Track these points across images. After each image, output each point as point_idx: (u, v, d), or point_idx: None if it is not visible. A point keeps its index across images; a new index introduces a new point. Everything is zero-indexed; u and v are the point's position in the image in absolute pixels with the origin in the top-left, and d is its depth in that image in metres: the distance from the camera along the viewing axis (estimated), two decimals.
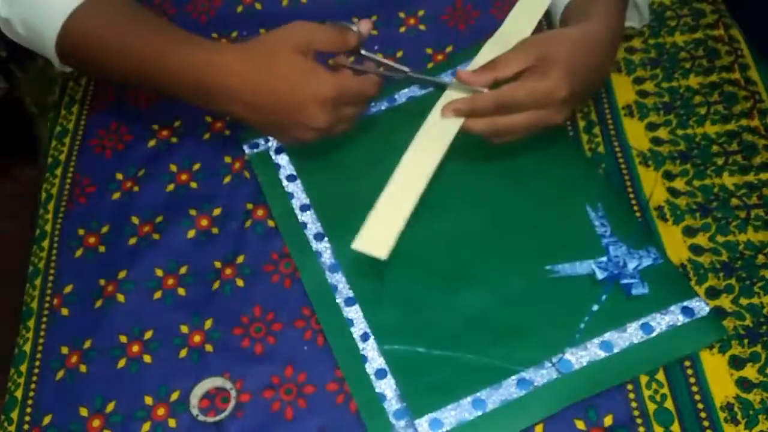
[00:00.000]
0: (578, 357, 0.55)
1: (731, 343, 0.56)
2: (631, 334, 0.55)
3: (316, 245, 0.63)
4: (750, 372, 0.54)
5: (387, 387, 0.55)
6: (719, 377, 0.54)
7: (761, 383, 0.54)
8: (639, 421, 0.53)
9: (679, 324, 0.55)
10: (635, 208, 0.63)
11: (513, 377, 0.54)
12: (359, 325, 0.58)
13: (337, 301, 0.60)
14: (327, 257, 0.62)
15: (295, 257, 0.63)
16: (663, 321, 0.56)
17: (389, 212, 0.56)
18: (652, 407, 0.54)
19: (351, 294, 0.60)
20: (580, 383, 0.54)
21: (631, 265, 0.58)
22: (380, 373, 0.56)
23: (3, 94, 1.21)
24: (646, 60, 0.71)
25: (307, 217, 0.65)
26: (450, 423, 0.53)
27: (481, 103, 0.58)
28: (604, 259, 0.59)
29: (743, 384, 0.54)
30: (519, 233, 0.61)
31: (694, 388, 0.54)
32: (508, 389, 0.54)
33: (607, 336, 0.55)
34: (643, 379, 0.55)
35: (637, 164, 0.65)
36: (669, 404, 0.54)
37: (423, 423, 0.53)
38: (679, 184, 0.64)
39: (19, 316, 0.65)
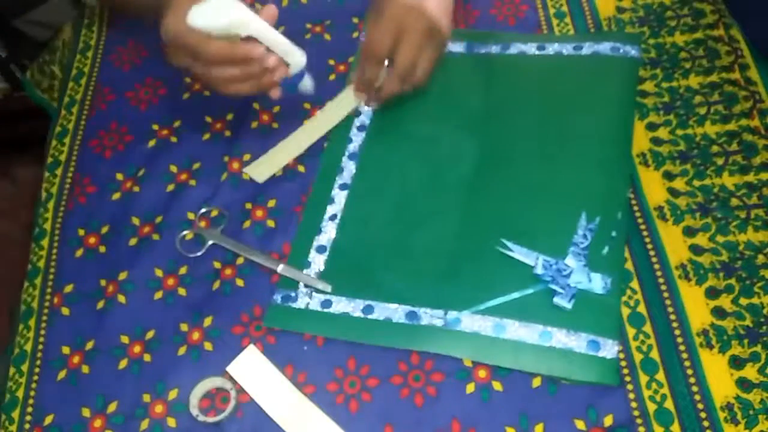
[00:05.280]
0: (470, 321, 0.57)
1: (731, 343, 0.55)
2: (529, 332, 0.56)
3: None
4: (750, 372, 0.54)
5: (318, 261, 0.63)
6: (719, 377, 0.54)
7: (761, 383, 0.54)
8: (639, 421, 0.53)
9: (576, 350, 0.56)
10: (635, 208, 0.63)
11: (405, 306, 0.59)
12: (337, 206, 0.65)
13: (336, 179, 0.67)
14: (354, 146, 0.69)
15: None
16: (564, 339, 0.56)
17: (280, 152, 0.69)
18: (652, 407, 0.54)
19: (349, 181, 0.67)
20: (455, 342, 0.57)
21: (573, 279, 0.58)
22: (321, 249, 0.63)
23: (3, 94, 1.21)
24: (647, 60, 0.71)
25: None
26: (337, 310, 0.60)
27: (391, 87, 0.67)
28: (552, 259, 0.59)
29: (743, 384, 0.54)
30: (507, 200, 0.63)
31: (694, 388, 0.54)
32: (396, 312, 0.59)
33: (506, 321, 0.57)
34: (643, 379, 0.55)
35: (638, 164, 0.65)
36: (669, 404, 0.54)
37: (318, 296, 0.60)
38: (679, 184, 0.64)
39: (17, 315, 0.65)
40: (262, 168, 0.69)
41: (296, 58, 0.63)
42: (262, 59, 0.59)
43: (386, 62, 0.66)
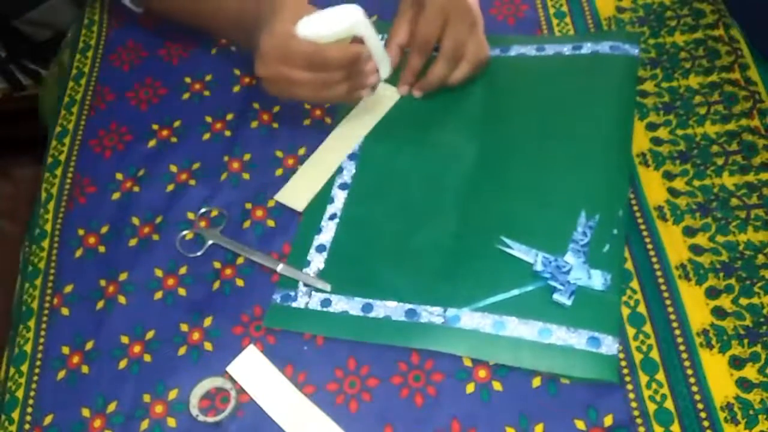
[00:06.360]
0: (470, 319, 0.57)
1: (731, 343, 0.55)
2: (528, 329, 0.56)
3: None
4: (750, 372, 0.54)
5: (318, 260, 0.63)
6: (719, 377, 0.54)
7: (761, 383, 0.54)
8: (639, 421, 0.53)
9: (576, 347, 0.55)
10: (635, 208, 0.63)
11: (405, 303, 0.59)
12: (336, 205, 0.66)
13: (336, 179, 0.67)
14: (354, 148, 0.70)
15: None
16: (564, 335, 0.56)
17: (311, 175, 0.67)
18: (652, 407, 0.54)
19: (349, 181, 0.67)
20: (454, 339, 0.57)
21: (572, 276, 0.58)
22: (320, 248, 0.63)
23: (3, 94, 1.21)
24: (646, 60, 0.71)
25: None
26: (336, 308, 0.60)
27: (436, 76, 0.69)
28: (551, 256, 0.59)
29: (743, 384, 0.54)
30: (507, 198, 0.63)
31: (694, 388, 0.54)
32: (395, 310, 0.59)
33: (505, 318, 0.57)
34: (643, 379, 0.55)
35: (638, 164, 0.65)
36: (669, 404, 0.54)
37: (317, 295, 0.61)
38: (679, 184, 0.64)
39: (16, 315, 0.65)
40: (299, 193, 0.67)
41: (386, 65, 0.65)
42: (367, 60, 0.63)
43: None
